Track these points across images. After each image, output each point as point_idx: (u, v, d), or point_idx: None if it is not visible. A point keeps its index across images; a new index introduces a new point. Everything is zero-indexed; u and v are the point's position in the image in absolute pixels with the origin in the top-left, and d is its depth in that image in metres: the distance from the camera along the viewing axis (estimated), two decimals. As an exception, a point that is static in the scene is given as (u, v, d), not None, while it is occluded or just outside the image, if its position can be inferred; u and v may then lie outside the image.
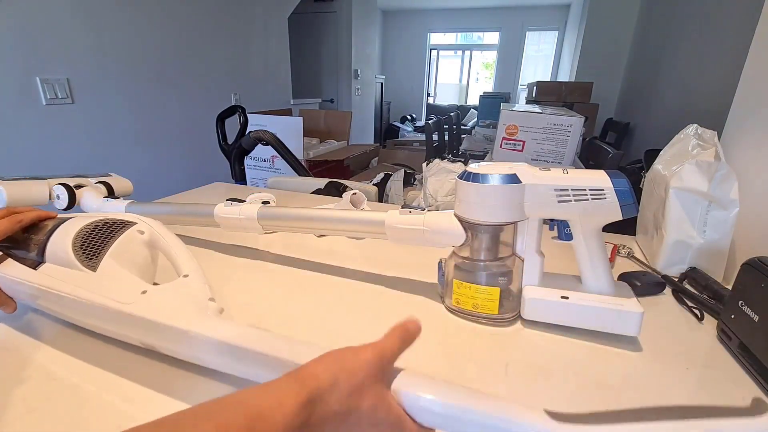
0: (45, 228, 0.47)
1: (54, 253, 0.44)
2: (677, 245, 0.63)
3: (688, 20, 2.56)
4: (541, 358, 0.46)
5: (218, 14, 2.47)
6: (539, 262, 0.50)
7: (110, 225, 0.46)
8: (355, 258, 0.71)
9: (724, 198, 0.60)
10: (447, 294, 0.54)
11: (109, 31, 1.84)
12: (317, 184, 1.18)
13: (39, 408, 0.37)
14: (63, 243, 0.44)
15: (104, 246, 0.44)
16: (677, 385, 0.42)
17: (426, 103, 7.15)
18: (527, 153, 1.22)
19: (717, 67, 2.08)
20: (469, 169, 0.49)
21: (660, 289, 0.60)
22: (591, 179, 0.45)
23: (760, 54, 0.73)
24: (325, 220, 0.60)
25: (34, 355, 0.43)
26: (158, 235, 0.49)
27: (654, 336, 0.49)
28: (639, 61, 3.51)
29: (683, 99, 2.48)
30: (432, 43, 6.99)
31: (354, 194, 0.85)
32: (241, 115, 1.51)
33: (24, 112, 1.58)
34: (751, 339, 0.43)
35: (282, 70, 3.21)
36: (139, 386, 0.39)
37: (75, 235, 0.44)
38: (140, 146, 2.09)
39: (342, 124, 2.94)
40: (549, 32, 6.21)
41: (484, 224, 0.49)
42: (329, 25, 4.28)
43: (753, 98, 0.73)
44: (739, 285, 0.47)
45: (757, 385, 0.42)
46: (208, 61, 2.44)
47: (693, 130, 0.72)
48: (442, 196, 1.40)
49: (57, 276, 0.43)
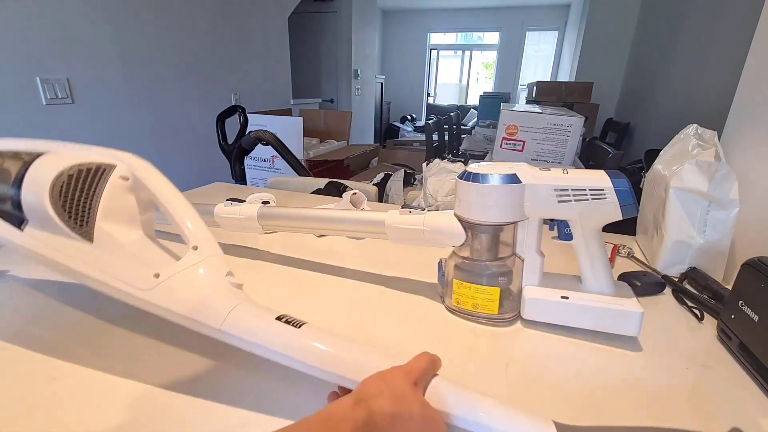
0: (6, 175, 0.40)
1: (34, 213, 0.39)
2: (677, 245, 0.63)
3: (688, 20, 2.56)
4: (541, 358, 0.46)
5: (218, 14, 2.47)
6: (539, 262, 0.50)
7: (86, 173, 0.40)
8: (355, 258, 0.71)
9: (724, 198, 0.60)
10: (447, 294, 0.54)
11: (109, 31, 1.84)
12: (317, 184, 1.18)
13: (39, 408, 0.37)
14: (41, 205, 0.38)
15: (89, 205, 0.39)
16: (677, 385, 0.42)
17: (426, 103, 7.14)
18: (527, 153, 1.22)
19: (717, 67, 2.08)
20: (469, 169, 0.49)
21: (660, 289, 0.60)
22: (591, 179, 0.45)
23: (760, 54, 0.73)
24: (325, 220, 0.60)
25: (34, 355, 0.43)
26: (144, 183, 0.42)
27: (654, 336, 0.49)
28: (639, 61, 3.51)
29: (683, 99, 2.47)
30: (432, 43, 6.98)
31: (354, 194, 0.85)
32: (241, 115, 1.51)
33: (24, 112, 1.58)
34: (751, 339, 0.43)
35: (282, 70, 3.21)
36: (140, 386, 0.39)
37: (51, 193, 0.38)
38: (140, 146, 2.08)
39: (342, 124, 2.94)
40: (549, 32, 6.20)
41: (484, 224, 0.49)
42: (329, 25, 4.28)
43: (753, 98, 0.73)
44: (739, 285, 0.47)
45: (757, 385, 0.42)
46: (208, 61, 2.44)
47: (693, 130, 0.72)
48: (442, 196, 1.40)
49: (49, 243, 0.38)
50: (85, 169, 0.40)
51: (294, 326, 0.35)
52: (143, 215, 0.42)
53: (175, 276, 0.36)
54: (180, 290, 0.36)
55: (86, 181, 0.39)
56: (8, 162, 0.41)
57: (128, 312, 0.50)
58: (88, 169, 0.40)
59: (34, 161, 0.40)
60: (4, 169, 0.41)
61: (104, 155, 0.42)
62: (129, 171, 0.42)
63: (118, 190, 0.40)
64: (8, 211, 0.40)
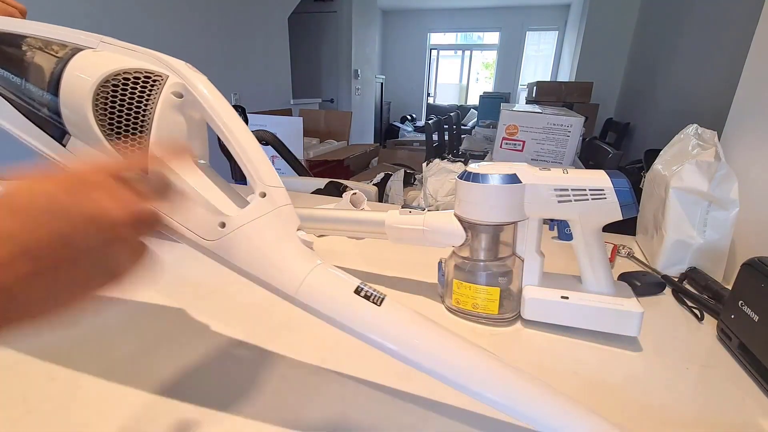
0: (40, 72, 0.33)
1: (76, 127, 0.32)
2: (677, 245, 0.63)
3: (688, 20, 2.56)
4: (541, 358, 0.46)
5: (218, 14, 2.47)
6: (539, 262, 0.50)
7: (133, 82, 0.33)
8: (355, 258, 0.71)
9: (724, 198, 0.60)
10: (447, 294, 0.54)
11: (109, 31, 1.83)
12: (317, 184, 1.18)
13: (39, 408, 0.37)
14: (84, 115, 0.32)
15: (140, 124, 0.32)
16: (677, 385, 0.42)
17: (426, 103, 7.15)
18: (527, 153, 1.22)
19: (717, 67, 2.08)
20: (469, 169, 0.49)
21: (660, 289, 0.60)
22: (591, 179, 0.45)
23: (760, 54, 0.73)
24: (325, 220, 0.60)
25: (34, 355, 0.43)
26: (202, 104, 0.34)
27: (654, 336, 0.49)
28: (639, 60, 3.51)
29: (683, 99, 2.48)
30: (432, 43, 6.99)
31: (354, 194, 0.85)
32: (241, 115, 1.51)
33: (24, 112, 1.58)
34: (751, 339, 0.43)
35: (282, 70, 3.22)
36: (141, 387, 0.39)
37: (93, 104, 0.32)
38: (140, 146, 2.09)
39: (342, 124, 2.94)
40: (549, 32, 6.21)
41: (484, 224, 0.49)
42: (329, 25, 4.29)
43: (753, 98, 0.73)
44: (738, 285, 0.47)
45: (757, 385, 0.42)
46: (208, 61, 2.44)
47: (693, 130, 0.72)
48: (442, 196, 1.40)
49: None
50: (132, 77, 0.33)
51: (374, 303, 0.32)
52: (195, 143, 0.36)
53: (243, 227, 0.31)
54: (249, 245, 0.31)
55: (134, 93, 0.32)
56: (39, 56, 0.34)
57: (129, 312, 0.51)
58: (136, 77, 0.33)
59: (70, 59, 0.33)
60: (34, 64, 0.33)
61: (152, 60, 0.35)
62: (182, 86, 0.34)
63: (170, 109, 0.33)
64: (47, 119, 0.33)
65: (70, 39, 0.35)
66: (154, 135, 0.32)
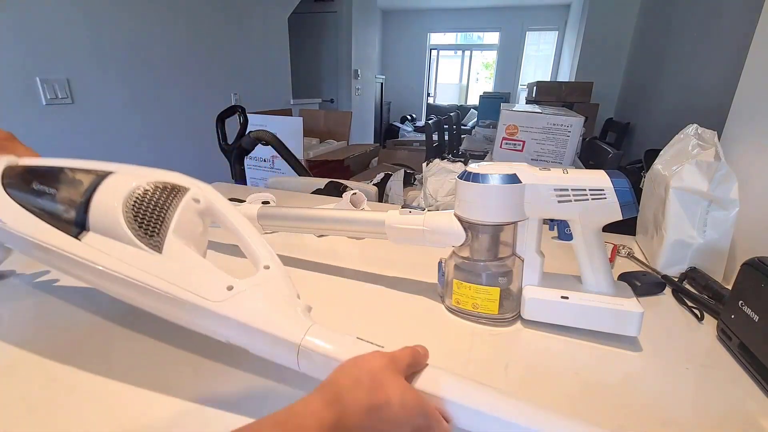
0: (77, 184, 0.40)
1: (101, 222, 0.38)
2: (677, 245, 0.63)
3: (688, 20, 2.56)
4: (541, 358, 0.46)
5: (218, 14, 2.47)
6: (539, 262, 0.50)
7: (162, 190, 0.41)
8: (355, 258, 0.71)
9: (724, 198, 0.60)
10: (447, 294, 0.54)
11: (109, 31, 1.84)
12: (317, 184, 1.18)
13: (39, 408, 0.37)
14: (112, 211, 0.38)
15: (162, 219, 0.39)
16: (677, 385, 0.42)
17: (426, 103, 7.14)
18: (527, 153, 1.23)
19: (717, 66, 2.08)
20: (469, 169, 0.49)
21: (660, 289, 0.60)
22: (591, 179, 0.45)
23: (760, 54, 0.73)
24: (325, 220, 0.60)
25: (34, 355, 0.43)
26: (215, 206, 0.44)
27: (654, 336, 0.49)
28: (639, 60, 3.51)
29: (683, 99, 2.47)
30: (432, 43, 6.98)
31: (354, 194, 0.85)
32: (241, 115, 1.51)
33: (24, 112, 1.58)
34: (751, 339, 0.43)
35: (282, 70, 3.21)
36: (141, 387, 0.39)
37: (125, 202, 0.39)
38: (140, 146, 2.08)
39: (342, 124, 2.94)
40: (549, 32, 6.20)
41: (484, 224, 0.49)
42: (329, 25, 4.28)
43: (753, 98, 0.73)
44: (739, 285, 0.47)
45: (757, 385, 0.42)
46: (208, 61, 2.44)
47: (693, 130, 0.72)
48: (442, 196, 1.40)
49: (112, 253, 0.37)
50: (161, 186, 0.42)
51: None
52: (203, 238, 0.44)
53: (249, 290, 0.36)
54: (254, 303, 0.36)
55: (161, 197, 0.41)
56: (80, 174, 0.42)
57: (130, 313, 0.50)
58: (165, 187, 0.42)
59: (108, 176, 0.42)
60: (75, 179, 0.42)
61: (178, 178, 0.44)
62: (201, 194, 0.44)
63: (190, 210, 0.42)
64: (68, 220, 0.40)
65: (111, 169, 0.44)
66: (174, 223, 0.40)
